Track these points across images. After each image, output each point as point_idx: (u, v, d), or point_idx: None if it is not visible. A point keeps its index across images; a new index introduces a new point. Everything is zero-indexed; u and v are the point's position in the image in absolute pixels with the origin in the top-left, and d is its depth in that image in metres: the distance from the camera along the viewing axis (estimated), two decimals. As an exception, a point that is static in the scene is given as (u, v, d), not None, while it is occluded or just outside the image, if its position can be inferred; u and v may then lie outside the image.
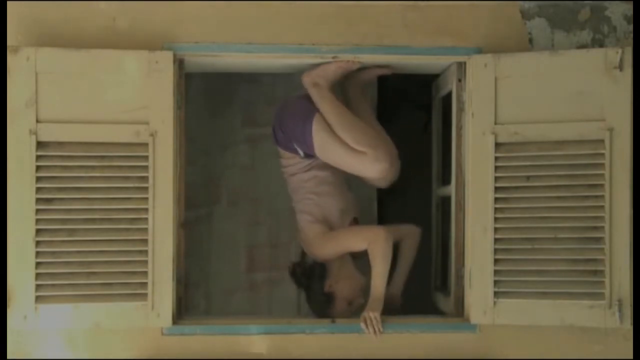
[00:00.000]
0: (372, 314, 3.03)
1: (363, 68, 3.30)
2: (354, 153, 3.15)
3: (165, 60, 2.97)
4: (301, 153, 3.30)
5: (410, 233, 3.43)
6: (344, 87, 3.45)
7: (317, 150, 3.22)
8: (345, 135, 3.16)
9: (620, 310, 2.94)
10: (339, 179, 3.39)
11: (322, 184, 3.34)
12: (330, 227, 3.30)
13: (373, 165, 3.13)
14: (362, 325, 3.02)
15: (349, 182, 3.49)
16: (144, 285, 2.95)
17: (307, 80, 3.27)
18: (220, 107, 3.85)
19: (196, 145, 3.63)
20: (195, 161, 3.66)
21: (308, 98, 3.29)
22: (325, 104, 3.21)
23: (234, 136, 3.82)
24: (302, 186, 3.37)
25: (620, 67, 2.94)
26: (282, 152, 3.40)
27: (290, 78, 3.55)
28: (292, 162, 3.37)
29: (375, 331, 3.01)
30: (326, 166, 3.32)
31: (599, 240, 2.96)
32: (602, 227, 2.95)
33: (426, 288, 3.72)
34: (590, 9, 3.16)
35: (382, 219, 3.98)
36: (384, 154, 3.15)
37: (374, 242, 3.15)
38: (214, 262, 3.82)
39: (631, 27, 3.14)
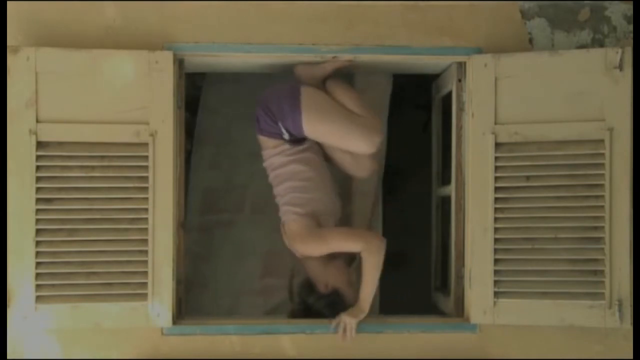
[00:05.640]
0: (351, 320, 3.02)
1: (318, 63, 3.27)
2: (349, 117, 3.14)
3: (165, 60, 2.97)
4: (285, 135, 3.20)
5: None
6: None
7: (305, 120, 3.13)
8: (350, 100, 3.18)
9: (620, 310, 2.94)
10: (324, 178, 3.30)
11: (308, 179, 3.24)
12: (317, 223, 3.21)
13: (370, 132, 3.12)
14: (334, 324, 3.03)
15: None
16: (144, 285, 2.95)
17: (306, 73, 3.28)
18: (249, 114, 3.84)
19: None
20: (221, 167, 3.66)
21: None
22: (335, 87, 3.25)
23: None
24: (288, 178, 3.26)
25: (620, 67, 2.94)
26: (265, 141, 3.29)
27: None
28: (276, 152, 3.26)
29: (347, 337, 3.01)
30: (309, 161, 3.25)
31: (599, 240, 2.96)
32: (602, 227, 2.95)
33: (426, 288, 3.72)
34: (590, 9, 3.16)
35: (382, 220, 3.98)
36: (379, 126, 3.15)
37: (369, 250, 3.07)
38: (232, 266, 3.80)
39: (631, 27, 3.14)
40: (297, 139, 3.24)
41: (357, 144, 3.16)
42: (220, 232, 3.76)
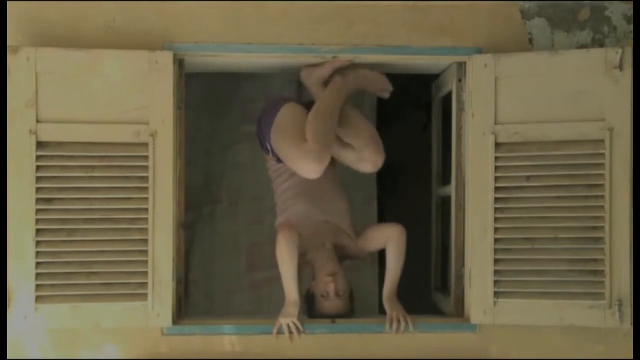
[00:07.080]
0: (283, 320, 3.02)
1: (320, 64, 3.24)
2: (294, 142, 3.04)
3: (165, 60, 2.97)
4: (270, 152, 3.25)
5: (391, 236, 3.25)
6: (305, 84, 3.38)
7: (270, 140, 3.16)
8: (310, 121, 3.07)
9: (620, 310, 2.94)
10: (312, 186, 3.24)
11: (286, 190, 3.29)
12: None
13: (306, 159, 2.98)
14: (275, 330, 3.03)
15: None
16: (144, 285, 2.95)
17: (311, 78, 3.28)
18: (219, 106, 3.85)
19: (197, 145, 3.63)
20: (196, 161, 3.66)
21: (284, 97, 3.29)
22: (331, 97, 3.17)
23: (233, 135, 3.83)
24: (277, 189, 3.35)
25: (620, 67, 2.94)
26: (264, 155, 3.39)
27: (288, 73, 3.55)
28: (269, 165, 3.37)
29: (293, 337, 3.02)
30: (294, 174, 3.22)
31: (599, 240, 2.96)
32: (602, 227, 2.95)
33: (426, 288, 3.72)
34: (590, 9, 3.16)
35: (382, 219, 3.98)
36: (318, 153, 2.98)
37: (277, 248, 3.07)
38: (215, 261, 3.82)
39: (631, 27, 3.14)
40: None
41: (298, 169, 3.06)
42: (202, 227, 3.79)
